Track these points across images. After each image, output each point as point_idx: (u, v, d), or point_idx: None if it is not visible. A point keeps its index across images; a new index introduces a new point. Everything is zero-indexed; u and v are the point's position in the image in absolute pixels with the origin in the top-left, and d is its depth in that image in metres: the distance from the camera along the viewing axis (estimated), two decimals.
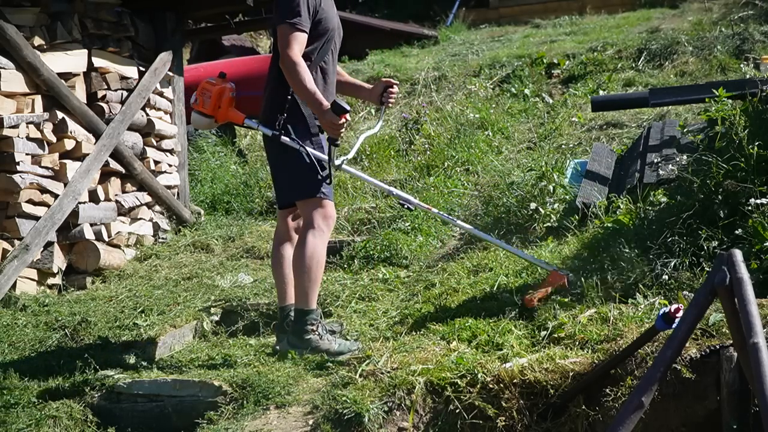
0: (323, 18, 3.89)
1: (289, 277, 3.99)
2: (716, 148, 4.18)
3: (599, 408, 3.19)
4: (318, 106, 3.75)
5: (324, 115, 3.73)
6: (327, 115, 3.72)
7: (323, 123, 3.78)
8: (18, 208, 5.01)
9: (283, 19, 3.78)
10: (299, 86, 3.75)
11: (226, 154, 7.35)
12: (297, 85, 3.76)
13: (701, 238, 3.78)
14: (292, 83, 3.78)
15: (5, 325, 4.55)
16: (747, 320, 2.49)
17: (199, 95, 4.02)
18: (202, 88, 4.03)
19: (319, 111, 3.76)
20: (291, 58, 3.74)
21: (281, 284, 4.07)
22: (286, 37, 3.76)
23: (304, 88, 3.74)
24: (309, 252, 3.81)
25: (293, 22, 3.76)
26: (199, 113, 4.03)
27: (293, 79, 3.76)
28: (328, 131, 3.80)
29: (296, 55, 3.75)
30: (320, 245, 3.85)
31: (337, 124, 3.72)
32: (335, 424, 3.15)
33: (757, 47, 8.00)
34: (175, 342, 4.43)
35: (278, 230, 4.18)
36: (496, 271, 4.47)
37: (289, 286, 4.01)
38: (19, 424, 3.56)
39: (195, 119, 4.08)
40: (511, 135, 7.35)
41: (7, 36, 4.94)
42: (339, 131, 3.76)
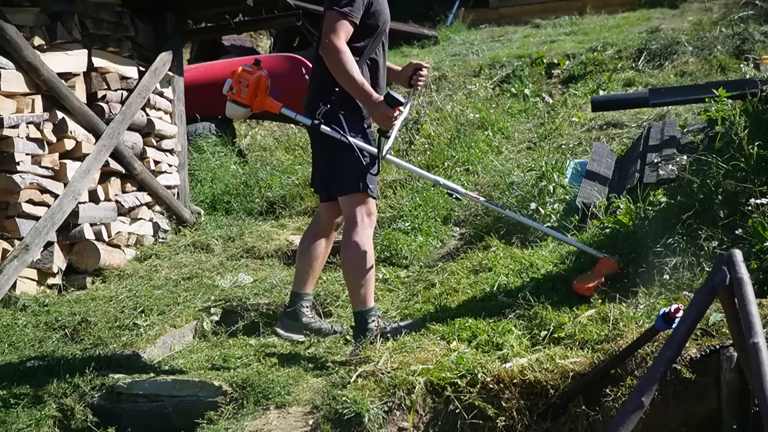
0: (377, 11, 3.80)
1: (314, 268, 3.97)
2: (716, 148, 4.18)
3: (599, 408, 3.19)
4: (364, 95, 3.69)
5: (374, 107, 3.68)
6: (379, 106, 3.66)
7: (374, 114, 3.72)
8: (18, 208, 5.01)
9: (332, 5, 3.69)
10: (343, 74, 3.67)
11: (226, 154, 7.35)
12: (340, 73, 3.68)
13: (701, 238, 3.78)
14: (335, 70, 3.69)
15: (5, 325, 4.55)
16: (747, 320, 2.49)
17: (234, 84, 3.84)
18: (238, 77, 3.85)
19: (366, 101, 3.71)
20: (335, 44, 3.65)
21: (299, 272, 4.01)
22: (333, 24, 3.67)
23: (349, 77, 3.67)
24: (359, 253, 3.75)
25: (344, 11, 3.68)
26: (236, 103, 3.84)
27: (336, 67, 3.67)
28: (379, 123, 3.74)
29: (341, 43, 3.66)
30: (367, 243, 3.79)
31: (391, 116, 3.66)
32: (335, 424, 3.15)
33: (757, 47, 8.00)
34: (175, 342, 4.43)
35: (318, 221, 4.07)
36: (496, 271, 4.47)
37: (312, 276, 3.99)
38: (19, 424, 3.56)
39: (231, 109, 3.89)
40: (511, 135, 7.35)
41: (7, 36, 4.94)
42: (391, 123, 3.71)
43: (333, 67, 3.69)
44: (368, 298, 3.82)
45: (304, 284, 4.00)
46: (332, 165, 3.85)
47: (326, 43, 3.68)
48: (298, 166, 7.12)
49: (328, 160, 3.87)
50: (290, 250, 5.58)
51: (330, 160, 3.85)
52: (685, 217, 3.88)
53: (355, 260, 3.76)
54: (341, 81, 3.72)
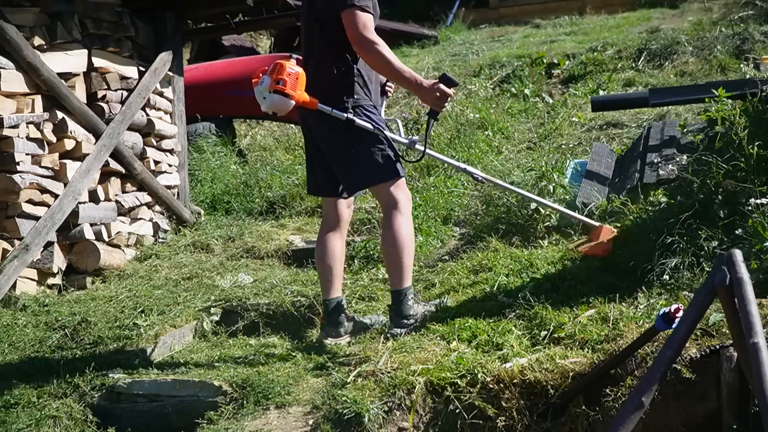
0: (375, 5, 3.86)
1: (337, 270, 4.01)
2: (716, 148, 4.18)
3: (599, 408, 3.19)
4: (414, 81, 3.76)
5: (428, 90, 3.76)
6: (433, 88, 3.75)
7: (428, 97, 3.78)
8: (18, 208, 5.01)
9: (348, 3, 3.72)
10: (387, 65, 3.74)
11: (226, 154, 7.35)
12: (385, 65, 3.74)
13: (701, 238, 3.77)
14: (379, 64, 3.75)
15: (5, 325, 4.55)
16: (747, 320, 2.48)
17: (283, 77, 3.75)
18: (285, 70, 3.76)
19: (418, 87, 3.77)
20: (371, 38, 3.71)
21: (327, 277, 4.04)
22: (360, 20, 3.71)
23: (394, 68, 3.74)
24: (403, 233, 3.83)
25: (362, 5, 3.72)
26: (285, 95, 3.75)
27: (379, 60, 3.73)
28: (432, 104, 3.81)
29: (375, 36, 3.72)
30: (408, 223, 3.88)
31: (447, 95, 3.75)
32: (335, 424, 3.15)
33: (757, 47, 8.00)
34: (175, 342, 4.43)
35: (327, 219, 4.11)
36: (496, 271, 4.47)
37: (336, 278, 4.03)
38: (19, 424, 3.56)
39: (279, 102, 3.76)
40: (511, 135, 7.35)
41: (7, 36, 4.94)
42: (444, 104, 3.81)
43: (375, 61, 3.75)
44: (408, 277, 3.91)
45: (334, 289, 4.04)
46: (361, 158, 3.86)
47: (362, 40, 3.72)
48: (298, 166, 7.11)
49: (357, 154, 3.87)
50: (290, 250, 5.58)
51: (359, 153, 3.86)
52: (684, 217, 3.88)
53: (403, 240, 3.83)
54: (385, 73, 3.82)
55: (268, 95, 3.75)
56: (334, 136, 3.89)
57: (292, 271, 5.28)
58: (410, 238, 3.89)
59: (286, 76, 3.73)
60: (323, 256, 4.06)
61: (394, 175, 3.89)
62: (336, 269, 4.03)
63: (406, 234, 3.85)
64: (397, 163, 3.90)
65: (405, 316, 3.88)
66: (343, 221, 4.10)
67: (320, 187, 4.13)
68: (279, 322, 4.58)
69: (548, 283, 4.10)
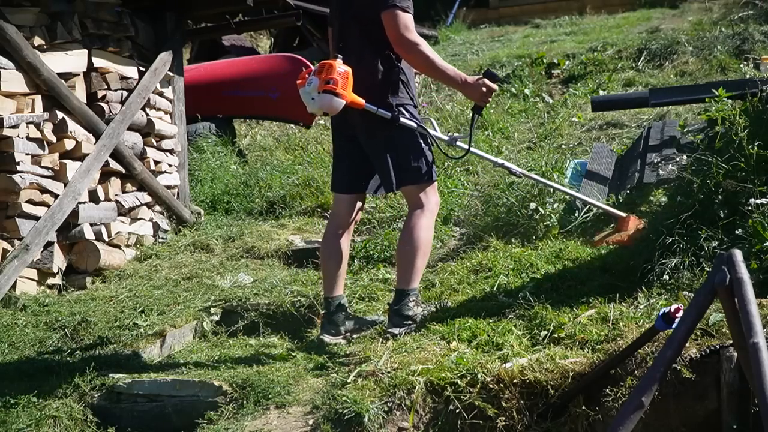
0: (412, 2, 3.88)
1: (341, 268, 4.02)
2: (716, 148, 4.18)
3: (599, 408, 3.19)
4: (459, 79, 3.83)
5: (473, 86, 3.83)
6: (478, 84, 3.81)
7: (474, 93, 3.85)
8: (18, 208, 5.01)
9: (389, 4, 3.75)
10: (431, 66, 3.80)
11: (226, 154, 7.34)
12: (428, 66, 3.80)
13: (701, 238, 3.77)
14: (423, 64, 3.81)
15: (5, 325, 4.55)
16: (747, 320, 2.49)
17: (334, 76, 3.70)
18: (336, 69, 3.72)
19: (463, 84, 3.83)
20: (414, 40, 3.75)
21: (331, 275, 4.05)
22: (402, 21, 3.75)
23: (438, 68, 3.80)
24: (423, 235, 3.85)
25: (403, 6, 3.76)
26: (336, 95, 3.71)
27: (422, 60, 3.78)
28: (478, 100, 3.89)
29: (418, 37, 3.76)
30: (431, 228, 3.92)
31: (492, 90, 3.83)
32: (335, 424, 3.15)
33: (757, 47, 8.00)
34: (175, 342, 4.43)
35: (338, 217, 4.10)
36: (496, 271, 4.47)
37: (340, 277, 4.05)
38: (19, 424, 3.56)
39: (329, 102, 3.71)
40: (511, 135, 7.35)
41: (7, 36, 4.94)
42: (489, 100, 3.89)
43: (417, 61, 3.81)
44: (417, 280, 3.92)
45: (337, 287, 4.05)
46: (401, 158, 3.88)
47: (404, 41, 3.76)
48: (298, 166, 7.12)
49: (397, 154, 3.88)
50: (290, 250, 5.58)
51: (399, 153, 3.88)
52: (684, 217, 3.88)
53: (421, 242, 3.85)
54: (429, 72, 3.91)
55: (317, 96, 3.71)
56: (376, 135, 3.91)
57: (292, 271, 5.28)
58: (429, 242, 3.91)
59: (337, 75, 3.71)
60: (329, 254, 4.06)
61: (429, 177, 3.92)
62: (341, 268, 4.04)
63: (425, 237, 3.87)
64: (433, 166, 3.93)
65: (404, 316, 3.88)
66: (352, 221, 4.11)
67: (344, 183, 4.12)
68: (279, 322, 4.58)
69: (548, 283, 4.10)
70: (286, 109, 7.91)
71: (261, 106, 7.96)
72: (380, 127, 3.86)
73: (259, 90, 7.86)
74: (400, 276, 3.94)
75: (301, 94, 3.80)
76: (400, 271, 3.95)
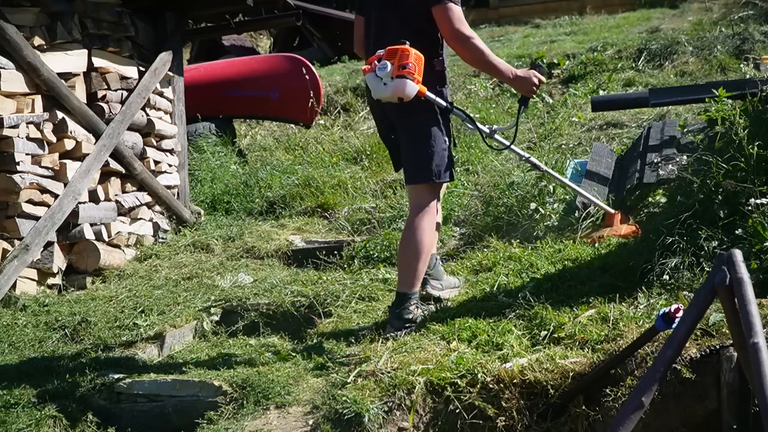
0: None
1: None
2: (716, 148, 4.18)
3: (599, 408, 3.19)
4: (509, 72, 3.89)
5: (523, 79, 3.89)
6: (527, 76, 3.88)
7: (524, 85, 3.91)
8: (18, 208, 5.01)
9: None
10: (483, 59, 3.85)
11: (226, 154, 7.35)
12: (481, 59, 3.85)
13: (701, 238, 3.77)
14: (476, 57, 3.86)
15: (5, 325, 4.55)
16: (747, 320, 2.49)
17: (409, 61, 3.67)
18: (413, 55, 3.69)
19: (514, 77, 3.89)
20: (467, 33, 3.80)
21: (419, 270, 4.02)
22: (454, 15, 3.78)
23: (490, 61, 3.85)
24: (426, 238, 3.84)
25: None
26: (412, 80, 3.68)
27: (476, 54, 3.83)
28: (527, 92, 3.96)
29: (470, 30, 3.80)
30: (433, 230, 3.92)
31: (541, 82, 3.91)
32: (335, 424, 3.15)
33: (757, 47, 7.99)
34: (175, 342, 4.43)
35: None
36: (496, 271, 4.47)
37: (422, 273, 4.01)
38: (19, 424, 3.56)
39: (403, 86, 3.67)
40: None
41: (7, 36, 4.94)
42: (536, 92, 3.97)
43: (471, 54, 3.85)
44: (418, 282, 3.90)
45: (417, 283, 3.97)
46: (423, 153, 3.88)
47: (459, 35, 3.79)
48: (298, 166, 7.12)
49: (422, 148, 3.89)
50: (290, 250, 5.58)
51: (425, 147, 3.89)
52: (684, 217, 3.88)
53: (422, 245, 3.84)
54: (481, 66, 3.96)
55: (390, 81, 3.68)
56: (408, 127, 3.92)
57: (292, 271, 5.28)
58: (431, 245, 3.91)
59: (412, 60, 3.69)
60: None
61: (446, 179, 3.93)
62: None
63: (428, 240, 3.86)
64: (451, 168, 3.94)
65: (405, 320, 3.86)
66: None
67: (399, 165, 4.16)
68: (279, 322, 4.58)
69: (548, 283, 4.10)
70: (286, 109, 7.92)
71: (261, 106, 7.96)
72: (412, 121, 3.87)
73: (259, 90, 7.87)
74: (401, 279, 3.93)
75: (368, 81, 3.77)
76: (401, 274, 3.94)
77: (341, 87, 9.40)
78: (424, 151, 3.87)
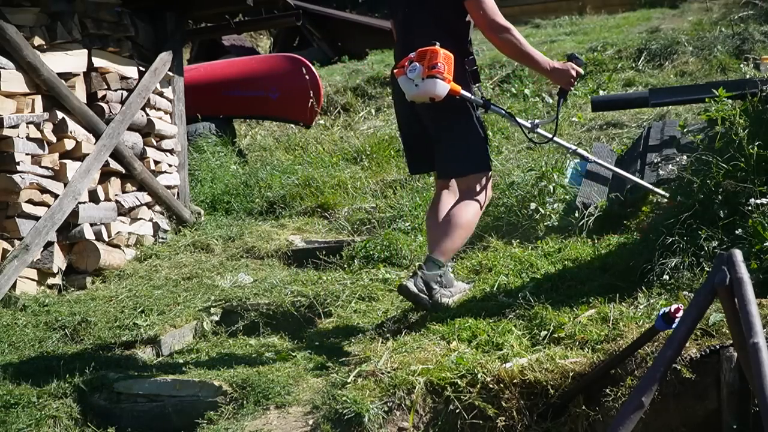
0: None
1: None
2: (716, 148, 4.17)
3: (599, 408, 3.19)
4: (546, 64, 3.91)
5: (561, 71, 3.91)
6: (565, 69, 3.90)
7: (562, 77, 3.92)
8: (18, 208, 5.01)
9: None
10: (520, 51, 3.86)
11: (226, 154, 7.35)
12: (518, 50, 3.86)
13: (701, 238, 3.77)
14: (513, 49, 3.87)
15: (5, 325, 4.55)
16: (747, 320, 2.49)
17: (439, 61, 3.69)
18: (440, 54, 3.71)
19: (549, 69, 3.91)
20: (504, 24, 3.82)
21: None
22: (488, 7, 3.80)
23: (527, 52, 3.86)
24: (470, 217, 3.90)
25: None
26: (442, 79, 3.71)
27: (513, 45, 3.84)
28: (565, 84, 3.97)
29: (506, 21, 3.82)
30: (477, 216, 4.00)
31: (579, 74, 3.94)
32: (335, 424, 3.15)
33: (757, 47, 7.99)
34: (175, 342, 4.44)
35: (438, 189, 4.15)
36: (496, 271, 4.47)
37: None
38: (19, 424, 3.56)
39: (433, 87, 3.70)
40: (511, 135, 7.35)
41: (7, 36, 4.94)
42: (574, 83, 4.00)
43: (508, 46, 3.86)
44: (450, 255, 3.96)
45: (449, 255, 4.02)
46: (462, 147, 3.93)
47: (495, 26, 3.81)
48: (298, 166, 7.12)
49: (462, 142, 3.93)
50: (290, 250, 5.58)
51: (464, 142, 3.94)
52: (684, 217, 3.88)
53: (465, 222, 3.90)
54: (518, 57, 3.96)
55: (421, 82, 3.70)
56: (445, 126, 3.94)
57: (292, 271, 5.28)
58: (472, 227, 3.96)
59: (441, 60, 3.71)
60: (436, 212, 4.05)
61: (486, 167, 4.01)
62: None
63: (471, 220, 3.92)
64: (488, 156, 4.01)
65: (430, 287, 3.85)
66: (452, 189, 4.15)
67: (422, 164, 4.21)
68: (279, 322, 4.58)
69: (548, 283, 4.10)
70: (286, 109, 7.92)
71: (261, 106, 7.96)
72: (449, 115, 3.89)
73: (259, 90, 7.87)
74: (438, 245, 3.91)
75: (401, 84, 3.79)
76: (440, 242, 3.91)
77: (341, 87, 9.40)
78: (463, 146, 3.92)
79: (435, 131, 4.00)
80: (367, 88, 9.38)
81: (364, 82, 9.48)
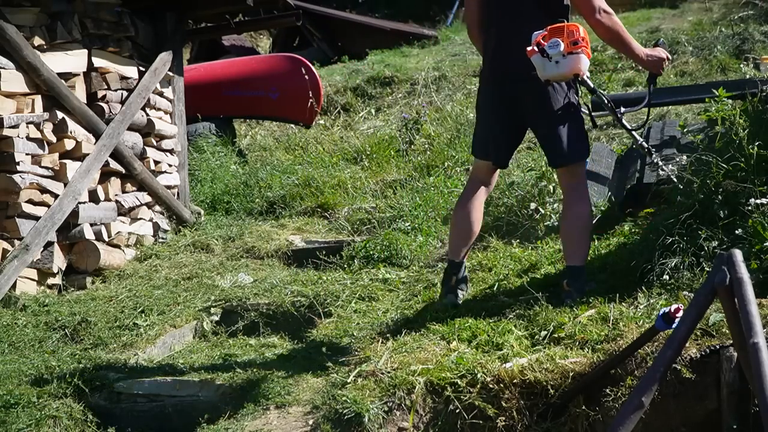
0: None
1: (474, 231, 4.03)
2: (716, 148, 4.17)
3: (599, 408, 3.19)
4: (641, 51, 3.91)
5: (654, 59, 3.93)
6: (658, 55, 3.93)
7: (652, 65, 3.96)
8: (18, 208, 5.01)
9: None
10: (620, 37, 3.87)
11: (226, 154, 7.35)
12: (618, 36, 3.87)
13: (701, 238, 3.77)
14: (614, 35, 3.86)
15: (5, 325, 4.55)
16: (747, 320, 2.48)
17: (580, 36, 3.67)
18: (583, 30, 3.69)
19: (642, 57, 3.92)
20: (608, 9, 3.82)
21: (459, 239, 4.05)
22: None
23: (626, 39, 3.89)
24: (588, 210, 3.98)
25: None
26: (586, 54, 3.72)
27: (617, 30, 3.85)
28: (656, 70, 4.02)
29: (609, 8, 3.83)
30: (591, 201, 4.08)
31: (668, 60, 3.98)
32: (335, 424, 3.15)
33: (757, 47, 7.99)
34: (175, 342, 4.44)
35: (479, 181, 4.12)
36: (496, 271, 4.47)
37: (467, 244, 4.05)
38: (19, 424, 3.56)
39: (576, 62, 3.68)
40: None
41: (7, 36, 4.94)
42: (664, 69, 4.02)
43: (611, 31, 3.86)
44: (585, 256, 3.99)
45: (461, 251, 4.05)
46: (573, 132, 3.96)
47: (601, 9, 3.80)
48: (298, 166, 7.12)
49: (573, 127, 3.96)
50: (290, 250, 5.58)
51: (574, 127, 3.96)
52: (684, 217, 3.88)
53: (588, 223, 3.97)
54: (618, 44, 3.95)
55: (563, 59, 3.66)
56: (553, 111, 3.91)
57: (292, 271, 5.28)
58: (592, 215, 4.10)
59: (583, 34, 3.69)
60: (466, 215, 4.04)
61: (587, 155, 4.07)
62: (473, 231, 4.05)
63: (589, 218, 4.01)
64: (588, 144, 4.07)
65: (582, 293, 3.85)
66: (490, 186, 4.18)
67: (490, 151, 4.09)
68: (279, 322, 4.58)
69: (548, 283, 4.10)
70: (286, 109, 7.93)
71: (261, 106, 7.97)
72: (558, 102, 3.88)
73: (259, 90, 7.87)
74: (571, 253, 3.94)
75: (536, 62, 3.71)
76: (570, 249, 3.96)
77: (341, 87, 9.40)
78: (573, 131, 3.94)
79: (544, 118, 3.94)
80: (367, 88, 9.38)
81: (364, 82, 9.48)
